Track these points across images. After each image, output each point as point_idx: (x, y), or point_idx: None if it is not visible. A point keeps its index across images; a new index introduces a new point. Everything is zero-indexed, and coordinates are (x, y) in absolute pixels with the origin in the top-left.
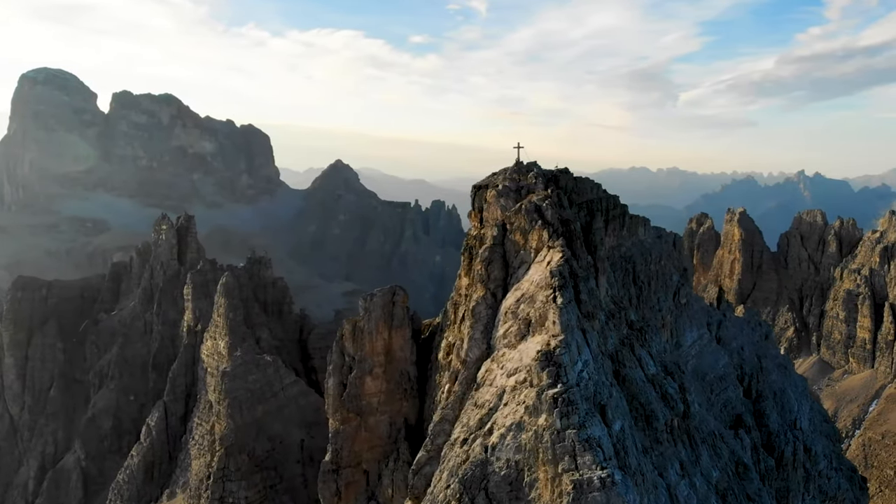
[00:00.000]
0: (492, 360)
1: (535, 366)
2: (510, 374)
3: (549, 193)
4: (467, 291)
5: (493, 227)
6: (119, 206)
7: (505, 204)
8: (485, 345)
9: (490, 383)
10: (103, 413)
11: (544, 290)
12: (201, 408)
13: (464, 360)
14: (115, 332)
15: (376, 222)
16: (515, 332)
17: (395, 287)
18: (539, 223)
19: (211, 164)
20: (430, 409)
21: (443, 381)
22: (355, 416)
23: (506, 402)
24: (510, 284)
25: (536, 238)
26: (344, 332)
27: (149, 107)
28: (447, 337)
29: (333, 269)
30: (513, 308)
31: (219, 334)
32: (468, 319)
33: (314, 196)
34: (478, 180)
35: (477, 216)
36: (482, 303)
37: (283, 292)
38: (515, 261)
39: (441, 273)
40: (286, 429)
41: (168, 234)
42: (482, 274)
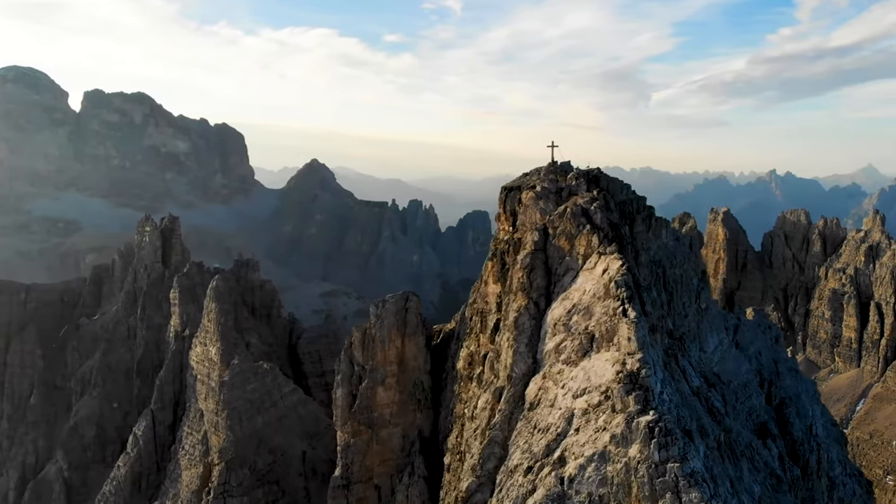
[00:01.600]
0: (543, 376)
1: (619, 389)
2: (577, 395)
3: (595, 195)
4: (500, 300)
5: (532, 231)
6: (91, 206)
7: (545, 207)
8: (530, 359)
9: (550, 404)
10: (86, 421)
11: (603, 302)
12: (191, 416)
13: (509, 376)
14: (97, 338)
15: (353, 222)
16: (576, 347)
17: (407, 293)
18: (587, 228)
19: (184, 164)
20: (445, 420)
21: (470, 394)
22: (366, 429)
23: (577, 428)
24: (554, 293)
25: (584, 243)
26: (353, 340)
27: (121, 105)
28: (468, 346)
29: (310, 269)
30: (564, 320)
31: (209, 340)
32: (508, 331)
33: (290, 196)
34: (454, 179)
35: (508, 219)
36: (525, 313)
37: (272, 296)
38: (560, 268)
39: (419, 273)
40: (287, 440)
41: (152, 235)
42: (524, 282)
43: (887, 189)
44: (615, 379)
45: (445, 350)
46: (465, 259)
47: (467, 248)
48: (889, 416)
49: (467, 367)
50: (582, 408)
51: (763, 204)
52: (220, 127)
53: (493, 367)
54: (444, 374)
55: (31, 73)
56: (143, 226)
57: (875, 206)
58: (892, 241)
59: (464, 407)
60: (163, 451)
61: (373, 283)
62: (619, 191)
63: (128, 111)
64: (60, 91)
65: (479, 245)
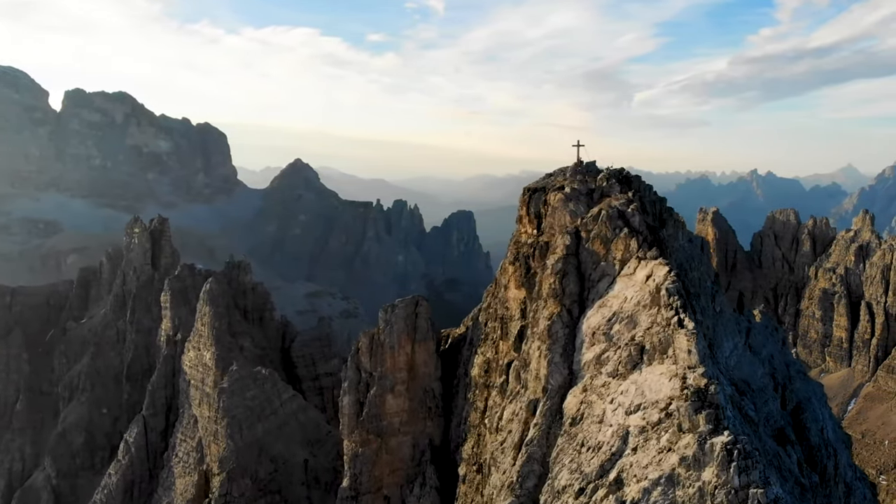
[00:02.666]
0: (584, 389)
1: (686, 406)
2: (631, 412)
3: (630, 197)
4: (524, 306)
5: (563, 234)
6: (72, 206)
7: (575, 209)
8: (566, 370)
9: (598, 420)
10: (74, 427)
11: (649, 310)
12: (185, 423)
13: (544, 388)
14: (85, 342)
15: (337, 222)
16: (624, 358)
17: (417, 297)
18: (624, 231)
19: (166, 164)
20: (457, 429)
21: (490, 403)
22: (375, 438)
23: (635, 447)
24: (588, 300)
25: (621, 248)
26: (360, 345)
27: (102, 105)
28: (483, 353)
29: (294, 269)
30: (603, 329)
31: (203, 345)
32: (540, 340)
33: (273, 195)
34: (438, 179)
35: (533, 222)
36: (558, 321)
37: (264, 298)
38: (594, 273)
39: (404, 273)
40: (288, 448)
41: (141, 237)
42: (556, 288)
43: (867, 189)
44: (680, 395)
45: (456, 356)
46: (449, 259)
47: (452, 249)
48: (881, 415)
49: (483, 374)
50: (638, 425)
51: (744, 203)
52: (203, 126)
53: (519, 376)
54: (456, 380)
55: (10, 72)
56: (131, 227)
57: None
58: (882, 241)
59: (481, 416)
60: (155, 458)
61: (358, 284)
62: (646, 192)
63: (109, 111)
64: (41, 90)
65: (464, 245)
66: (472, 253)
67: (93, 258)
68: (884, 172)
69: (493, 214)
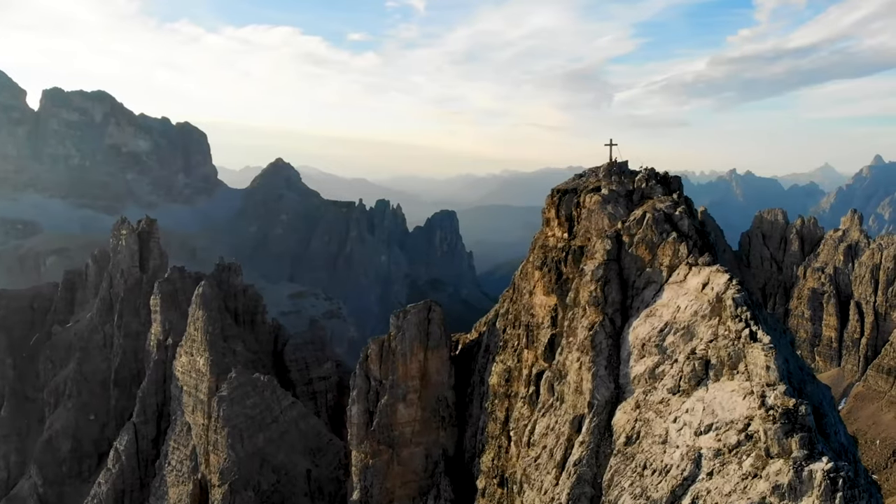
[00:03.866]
0: (637, 405)
1: (776, 430)
2: (701, 432)
3: (676, 199)
4: (555, 314)
5: (603, 239)
6: (50, 206)
7: (614, 212)
8: (612, 383)
9: (661, 440)
10: (61, 434)
11: (709, 321)
12: (177, 430)
13: (590, 403)
14: (71, 346)
15: (320, 222)
16: (686, 373)
17: (429, 302)
18: (672, 236)
19: (146, 163)
20: (472, 439)
21: (516, 415)
22: (387, 449)
23: (711, 472)
24: (632, 308)
25: (669, 253)
26: (369, 352)
27: (81, 104)
28: (503, 361)
29: (277, 270)
30: (655, 340)
31: (196, 350)
32: (581, 351)
33: (254, 195)
34: (419, 179)
35: (563, 225)
36: (601, 331)
37: (255, 301)
38: (639, 280)
39: (387, 273)
40: (290, 458)
41: (129, 239)
42: (597, 296)
43: (844, 188)
44: (765, 416)
45: (469, 363)
46: (433, 259)
47: (435, 249)
48: (871, 415)
49: (504, 383)
50: (712, 447)
51: (724, 203)
52: (183, 126)
53: (552, 388)
54: (470, 388)
55: None
56: (118, 228)
57: (832, 204)
58: (871, 240)
59: (502, 427)
60: (146, 466)
61: (341, 284)
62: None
63: (88, 110)
64: (18, 89)
65: (447, 245)
66: (455, 253)
67: (72, 259)
68: (861, 172)
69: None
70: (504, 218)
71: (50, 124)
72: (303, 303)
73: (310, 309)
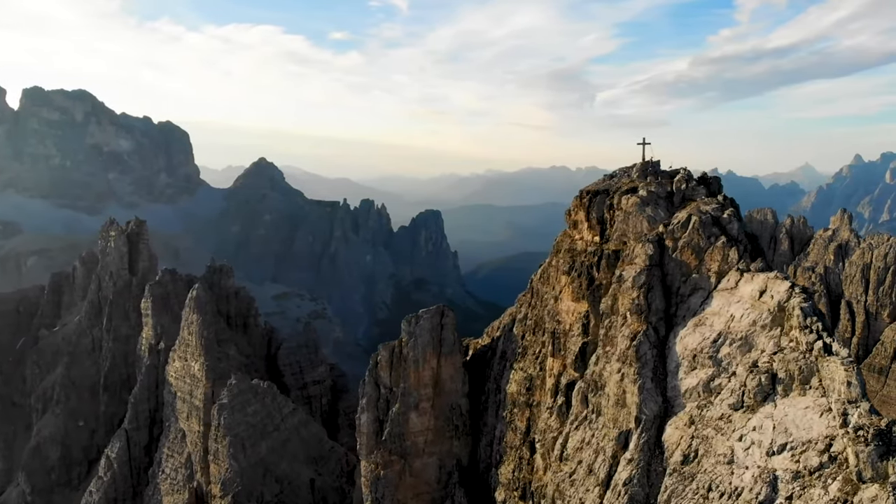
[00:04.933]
0: (691, 421)
1: (869, 452)
2: (774, 452)
3: (722, 201)
4: (587, 321)
5: (644, 243)
6: (31, 207)
7: (654, 214)
8: (660, 397)
9: (726, 460)
10: (49, 441)
11: (769, 332)
12: (171, 437)
13: (637, 418)
14: (58, 351)
15: (304, 222)
16: (751, 388)
17: (442, 307)
18: (721, 240)
19: (127, 163)
20: (487, 448)
21: (542, 426)
22: (398, 459)
23: (790, 496)
24: (677, 317)
25: (718, 258)
26: (379, 359)
27: (61, 103)
28: (523, 368)
29: (260, 270)
30: (708, 351)
31: (190, 354)
32: (623, 362)
33: (237, 195)
34: (403, 178)
35: (595, 228)
36: (645, 341)
37: (248, 303)
38: (684, 287)
39: (372, 273)
40: (293, 467)
41: (118, 240)
42: (640, 304)
43: (825, 187)
44: (853, 437)
45: (482, 369)
46: (418, 259)
47: (420, 248)
48: None
49: (524, 392)
50: (789, 469)
51: None
52: (165, 125)
53: (585, 399)
54: (484, 396)
55: None
56: (106, 230)
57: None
58: (861, 240)
59: (523, 437)
60: (139, 474)
61: (325, 284)
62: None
63: (68, 109)
64: None
65: (432, 245)
66: (440, 252)
67: (54, 260)
68: (841, 171)
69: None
70: (488, 217)
71: (30, 124)
72: (287, 303)
73: (294, 310)
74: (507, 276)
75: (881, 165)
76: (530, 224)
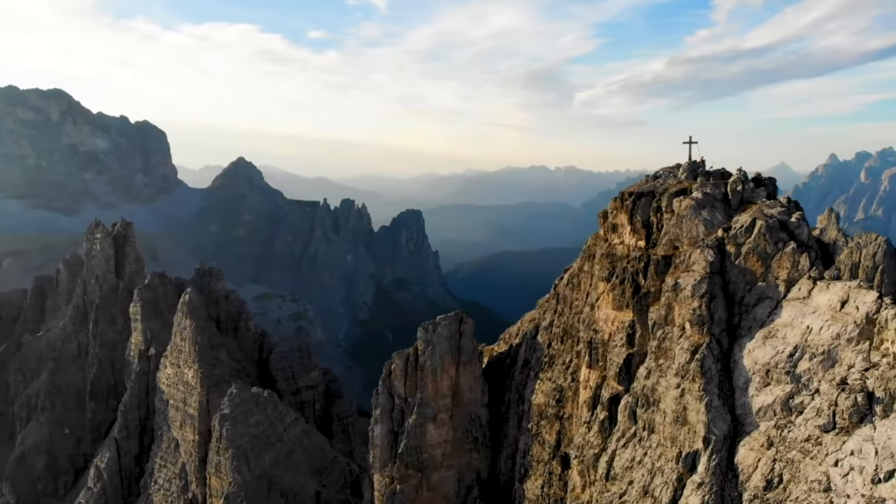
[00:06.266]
0: (769, 443)
1: None
2: (879, 480)
3: (787, 204)
4: (634, 331)
5: (703, 249)
6: (6, 207)
7: (710, 218)
8: (728, 415)
9: (821, 487)
10: (34, 450)
11: (857, 346)
12: (164, 447)
13: (705, 438)
14: (42, 357)
15: (283, 222)
16: (845, 408)
17: (461, 314)
18: (791, 246)
19: (104, 163)
20: (507, 461)
21: (580, 441)
22: (415, 473)
23: None
24: (741, 328)
25: (787, 266)
26: (393, 368)
27: (37, 102)
28: (551, 378)
29: (240, 271)
30: (785, 366)
31: (184, 361)
32: (682, 377)
33: (216, 195)
34: (381, 178)
35: (640, 232)
36: (709, 355)
37: (239, 307)
38: (749, 296)
39: (353, 273)
40: (297, 479)
41: (104, 243)
42: (702, 314)
43: (800, 186)
44: None
45: (501, 378)
46: (399, 259)
47: (401, 248)
48: None
49: (553, 404)
50: None
51: None
52: (142, 124)
53: (633, 415)
54: (504, 406)
55: None
56: (92, 232)
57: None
58: (849, 239)
59: (552, 451)
60: (130, 485)
61: (306, 285)
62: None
63: (44, 108)
64: None
65: (413, 244)
66: (421, 252)
67: (29, 261)
68: (816, 170)
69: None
70: (468, 217)
71: (5, 123)
72: (268, 304)
73: (276, 311)
74: (487, 275)
75: (856, 164)
76: (510, 223)
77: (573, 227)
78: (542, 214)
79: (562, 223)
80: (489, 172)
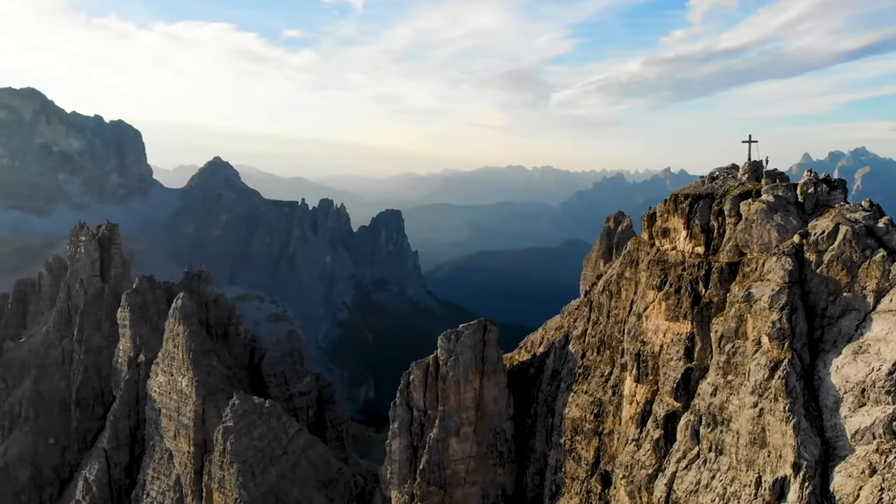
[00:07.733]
0: (871, 469)
1: None
2: None
3: (872, 208)
4: (693, 344)
5: (779, 257)
6: None
7: (784, 223)
8: (818, 437)
9: None
10: (18, 461)
11: None
12: (157, 458)
13: (795, 464)
14: (25, 363)
15: (261, 222)
16: None
17: (485, 322)
18: (880, 254)
19: (78, 163)
20: (535, 476)
21: (631, 460)
22: (438, 490)
23: None
24: (823, 342)
25: (877, 275)
26: (412, 379)
27: (9, 101)
28: (587, 391)
29: (217, 272)
30: (884, 385)
31: (177, 369)
32: (761, 395)
33: (192, 195)
34: (358, 178)
35: (698, 237)
36: (792, 371)
37: (228, 311)
38: (832, 308)
39: (331, 274)
40: (304, 493)
41: (89, 245)
42: (783, 328)
43: None
44: None
45: (526, 389)
46: (378, 259)
47: (381, 248)
48: None
49: (591, 418)
50: None
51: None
52: (117, 124)
53: (695, 435)
54: (530, 419)
55: None
56: (76, 234)
57: None
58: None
59: (590, 469)
60: (120, 497)
61: (284, 286)
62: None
63: (16, 107)
64: None
65: (393, 244)
66: (400, 252)
67: (2, 263)
68: (790, 170)
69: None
70: (446, 217)
71: None
72: (247, 306)
73: (254, 312)
74: (466, 275)
75: (829, 164)
76: (488, 223)
77: (552, 227)
78: (521, 214)
79: (540, 223)
80: (467, 172)
